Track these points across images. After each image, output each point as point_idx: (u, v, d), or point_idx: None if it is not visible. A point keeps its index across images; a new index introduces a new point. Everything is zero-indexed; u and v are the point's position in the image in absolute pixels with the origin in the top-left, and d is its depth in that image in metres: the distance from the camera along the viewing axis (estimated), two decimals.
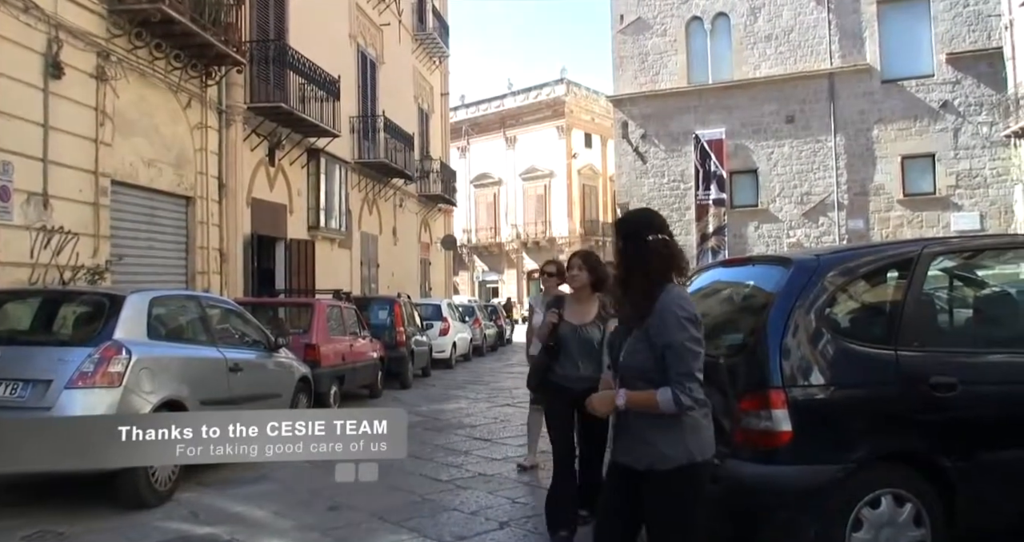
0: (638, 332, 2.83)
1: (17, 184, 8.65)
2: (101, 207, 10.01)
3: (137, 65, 10.86)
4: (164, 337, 6.33)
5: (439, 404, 11.53)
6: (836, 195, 24.00)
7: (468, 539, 4.90)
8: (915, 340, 3.87)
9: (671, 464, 2.76)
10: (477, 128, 45.54)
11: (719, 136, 24.73)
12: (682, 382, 2.70)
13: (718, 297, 5.01)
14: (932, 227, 22.70)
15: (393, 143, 20.77)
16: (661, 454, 2.77)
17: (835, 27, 24.19)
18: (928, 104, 23.11)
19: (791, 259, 4.20)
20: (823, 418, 3.70)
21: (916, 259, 4.03)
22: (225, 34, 11.96)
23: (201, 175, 12.55)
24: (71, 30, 9.51)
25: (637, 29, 26.92)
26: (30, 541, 4.84)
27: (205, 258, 12.60)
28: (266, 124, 14.38)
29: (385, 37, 21.84)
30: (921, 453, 3.72)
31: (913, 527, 3.66)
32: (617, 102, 27.46)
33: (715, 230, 24.67)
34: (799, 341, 3.74)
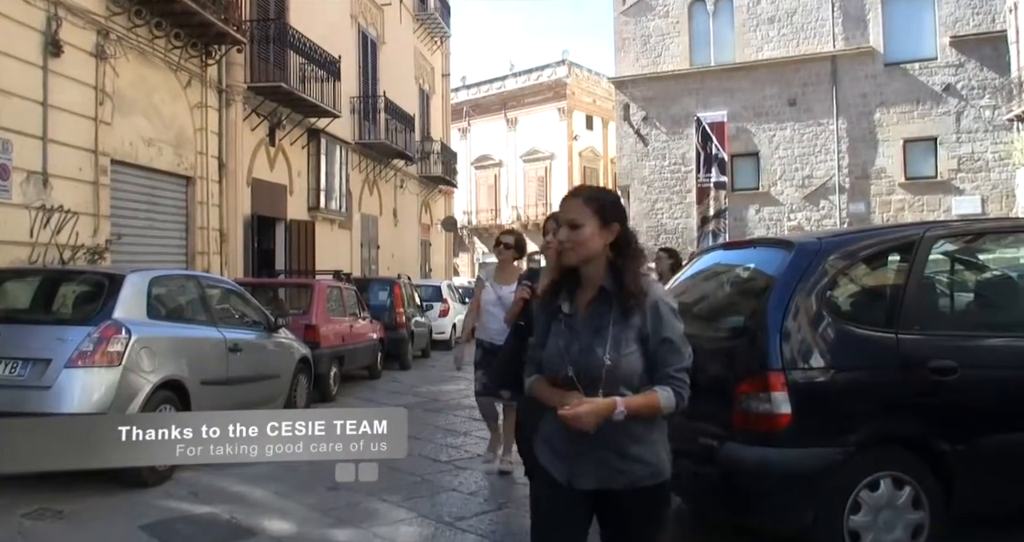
0: (616, 330, 2.41)
1: (16, 163, 8.62)
2: (101, 186, 9.98)
3: (137, 44, 10.79)
4: (164, 317, 6.33)
5: (438, 385, 11.55)
6: (837, 178, 23.94)
7: (466, 519, 4.92)
8: (916, 324, 3.86)
9: (660, 478, 2.45)
10: (478, 109, 45.34)
11: (721, 119, 24.62)
12: (681, 378, 2.42)
13: (719, 280, 5.00)
14: (933, 211, 22.67)
15: (394, 124, 20.69)
16: (652, 468, 2.43)
17: (838, 10, 24.04)
18: (931, 87, 23.01)
19: (792, 242, 4.18)
20: (823, 401, 3.71)
21: (918, 243, 4.01)
22: (225, 13, 11.88)
23: (201, 155, 12.50)
24: (70, 8, 9.43)
25: (639, 10, 26.75)
26: (30, 518, 4.86)
27: (205, 238, 12.58)
28: (266, 104, 14.31)
29: (386, 17, 21.70)
30: (920, 437, 3.72)
31: (911, 510, 3.67)
32: (619, 84, 27.34)
33: (716, 213, 24.62)
34: (800, 324, 3.74)
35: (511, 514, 5.05)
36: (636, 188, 26.74)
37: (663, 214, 26.27)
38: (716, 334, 4.38)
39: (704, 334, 4.52)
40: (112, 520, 4.87)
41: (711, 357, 4.17)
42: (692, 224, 25.09)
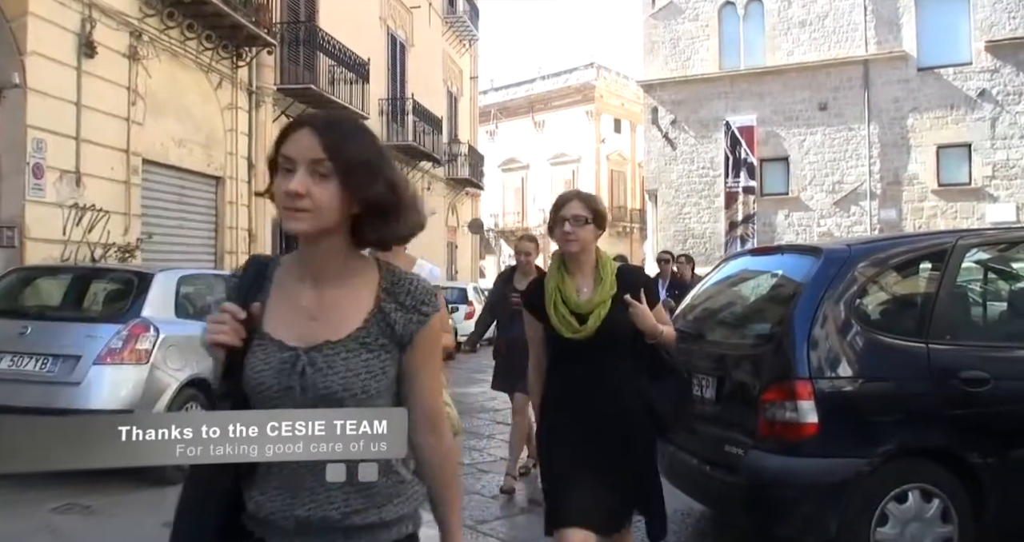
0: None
1: (50, 162, 8.75)
2: (132, 186, 10.11)
3: (169, 45, 10.92)
4: (192, 315, 6.38)
5: (463, 387, 11.55)
6: (868, 184, 23.66)
7: (488, 523, 4.92)
8: (947, 333, 3.80)
9: None
10: (506, 112, 45.38)
11: (750, 123, 24.44)
12: None
13: (746, 286, 4.96)
14: (966, 218, 22.31)
15: (422, 126, 20.76)
16: None
17: (871, 13, 23.76)
18: (965, 92, 22.66)
19: (821, 249, 4.13)
20: (850, 411, 3.65)
21: (950, 251, 3.95)
22: (256, 15, 11.99)
23: (231, 155, 12.62)
24: (104, 10, 9.57)
25: (669, 14, 26.63)
26: (58, 513, 4.92)
27: (234, 238, 12.70)
28: (296, 105, 14.42)
29: (415, 20, 21.78)
30: (950, 449, 3.65)
31: (940, 523, 3.61)
32: (647, 87, 27.22)
33: (744, 218, 24.44)
34: (827, 332, 3.69)
35: (533, 520, 5.03)
36: (663, 192, 26.62)
37: (690, 218, 26.12)
38: (742, 341, 4.35)
39: (730, 341, 4.49)
40: (139, 516, 4.92)
41: (736, 364, 4.14)
42: (720, 229, 24.91)
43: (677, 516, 4.99)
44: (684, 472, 4.31)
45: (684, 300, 5.42)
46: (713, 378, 4.13)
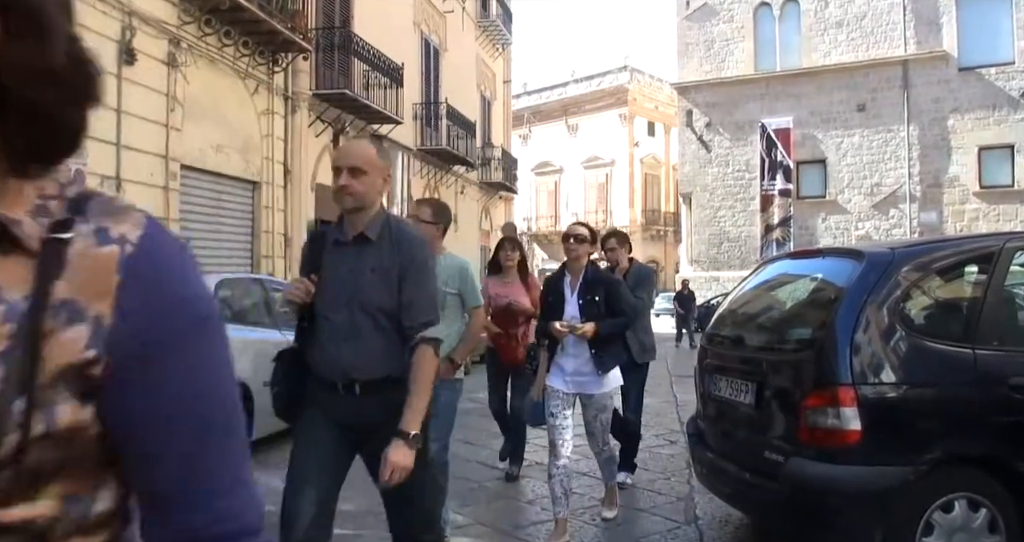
0: None
1: (91, 167, 8.89)
2: (171, 191, 10.25)
3: (206, 52, 11.06)
4: (229, 319, 6.44)
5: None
6: (908, 187, 23.30)
7: (524, 528, 4.89)
8: (994, 339, 3.70)
9: None
10: (539, 115, 45.41)
11: (786, 125, 24.20)
12: None
13: (785, 290, 4.88)
14: (1010, 221, 21.88)
15: (455, 130, 20.82)
16: None
17: (910, 13, 23.42)
18: (1008, 93, 22.23)
19: (863, 252, 4.05)
20: (894, 418, 3.57)
21: (997, 254, 3.84)
22: (292, 21, 12.11)
23: (267, 160, 12.75)
24: (144, 17, 9.72)
25: (703, 15, 26.47)
26: None
27: (270, 242, 12.82)
28: (331, 110, 14.53)
29: (448, 24, 21.86)
30: (998, 457, 3.55)
31: (988, 534, 3.51)
32: (681, 90, 27.08)
33: (780, 221, 24.19)
34: (871, 337, 3.61)
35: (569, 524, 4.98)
36: (698, 195, 26.43)
37: (726, 221, 25.89)
38: (782, 346, 4.27)
39: (770, 345, 4.42)
40: None
41: (776, 369, 4.07)
42: (755, 232, 24.68)
43: (715, 523, 4.92)
44: (723, 479, 4.25)
45: None
46: (752, 383, 4.07)
